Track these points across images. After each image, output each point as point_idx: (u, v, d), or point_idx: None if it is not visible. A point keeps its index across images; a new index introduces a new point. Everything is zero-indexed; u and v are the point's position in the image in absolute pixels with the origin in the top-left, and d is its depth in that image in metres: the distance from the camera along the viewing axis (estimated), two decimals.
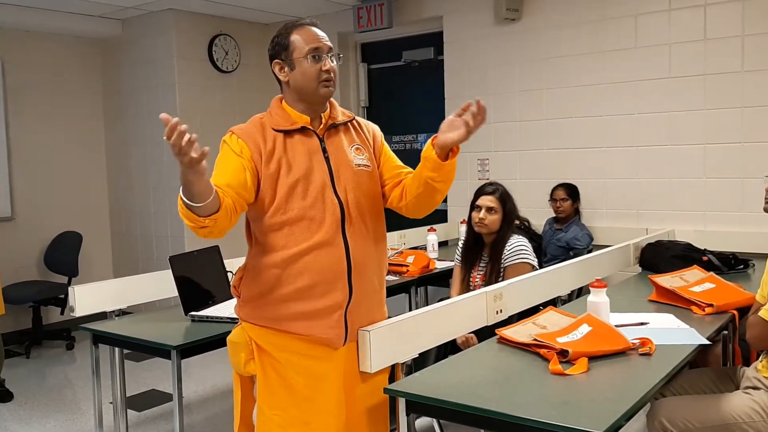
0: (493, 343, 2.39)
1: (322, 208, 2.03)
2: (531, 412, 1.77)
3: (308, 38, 2.04)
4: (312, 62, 2.03)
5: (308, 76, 2.04)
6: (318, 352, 2.08)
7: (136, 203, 6.18)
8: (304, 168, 2.04)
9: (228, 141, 2.05)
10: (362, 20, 5.56)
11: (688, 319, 2.67)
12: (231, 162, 2.00)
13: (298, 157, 2.05)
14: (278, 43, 2.08)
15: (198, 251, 3.26)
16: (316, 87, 2.04)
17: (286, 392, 2.06)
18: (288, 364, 2.06)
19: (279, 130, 2.06)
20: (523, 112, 5.06)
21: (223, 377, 4.62)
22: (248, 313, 2.11)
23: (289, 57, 2.05)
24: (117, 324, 3.06)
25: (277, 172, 2.02)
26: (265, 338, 2.07)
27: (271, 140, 2.04)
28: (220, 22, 5.98)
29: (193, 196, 1.80)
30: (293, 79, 2.06)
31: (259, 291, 2.07)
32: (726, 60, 4.24)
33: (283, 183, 2.02)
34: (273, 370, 2.07)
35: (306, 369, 2.06)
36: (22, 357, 5.27)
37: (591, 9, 4.70)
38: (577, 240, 4.56)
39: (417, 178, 2.05)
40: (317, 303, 2.05)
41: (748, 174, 4.18)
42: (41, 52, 5.89)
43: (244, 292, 2.13)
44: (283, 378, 2.06)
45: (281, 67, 2.08)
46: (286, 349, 2.06)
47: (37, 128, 5.87)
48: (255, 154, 2.01)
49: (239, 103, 6.07)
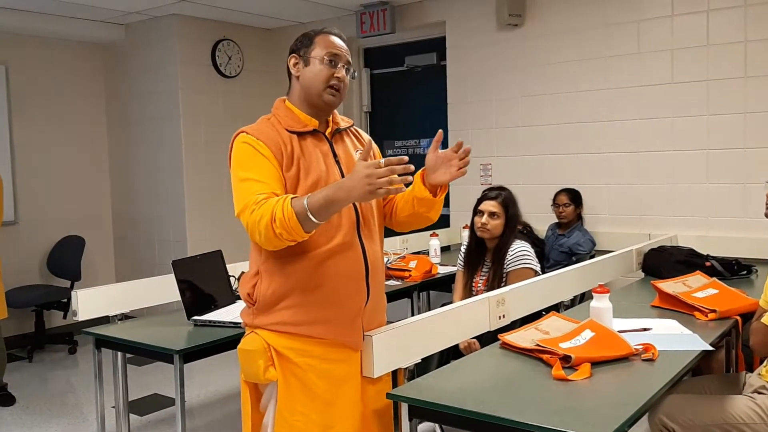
0: (495, 349, 2.39)
1: (339, 211, 2.04)
2: (533, 418, 1.77)
3: (331, 44, 2.07)
4: (326, 65, 2.04)
5: (318, 77, 2.04)
6: (339, 355, 2.07)
7: (138, 208, 6.19)
8: (320, 170, 2.03)
9: (250, 142, 1.99)
10: (365, 25, 5.58)
11: (691, 324, 2.66)
12: (266, 166, 1.96)
13: (314, 159, 2.04)
14: (302, 39, 2.09)
15: (201, 256, 3.26)
16: (323, 90, 2.05)
17: (307, 397, 2.05)
18: (309, 369, 2.04)
19: (292, 132, 2.05)
20: (526, 117, 5.06)
21: (226, 382, 4.62)
22: (266, 319, 2.06)
23: (307, 53, 2.06)
24: (119, 328, 3.06)
25: (297, 174, 2.00)
26: (284, 344, 2.04)
27: (288, 141, 2.02)
28: (224, 28, 6.00)
29: (326, 217, 1.84)
30: (303, 76, 2.07)
31: (278, 297, 2.04)
32: (728, 66, 4.24)
33: (302, 186, 2.00)
34: (293, 376, 2.05)
35: (327, 373, 2.06)
36: (24, 361, 5.28)
37: (593, 15, 4.71)
38: (579, 245, 4.56)
39: (409, 205, 2.14)
40: (341, 306, 2.05)
41: (751, 179, 4.18)
42: (45, 57, 5.91)
43: (260, 299, 2.06)
44: (303, 383, 2.05)
45: (296, 61, 2.08)
46: (307, 354, 2.05)
47: (40, 133, 5.89)
48: (278, 156, 1.99)
49: (242, 108, 6.09)
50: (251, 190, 1.92)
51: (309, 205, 1.80)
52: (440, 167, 2.06)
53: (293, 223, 1.81)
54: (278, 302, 2.04)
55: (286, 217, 1.80)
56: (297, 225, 1.81)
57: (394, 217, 2.22)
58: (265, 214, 1.84)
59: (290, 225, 1.81)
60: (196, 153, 5.83)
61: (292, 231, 1.82)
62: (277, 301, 2.05)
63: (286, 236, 1.83)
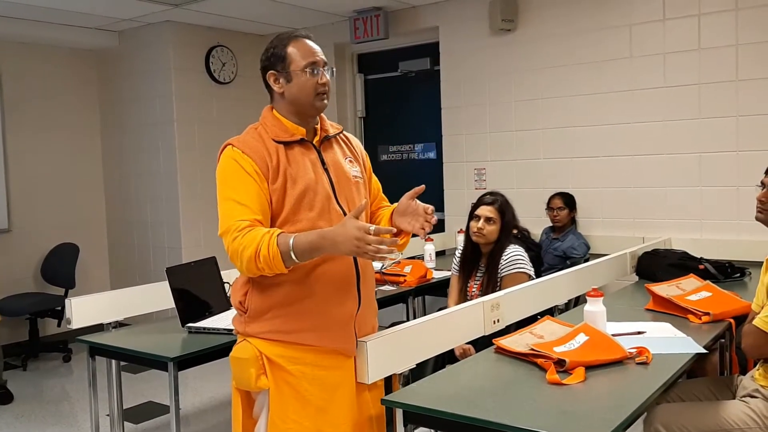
0: (490, 353, 2.40)
1: (329, 218, 2.04)
2: (528, 422, 1.77)
3: (305, 52, 2.06)
4: (309, 76, 2.05)
5: (305, 90, 2.05)
6: (331, 362, 2.08)
7: (133, 214, 6.18)
8: (308, 179, 2.04)
9: (236, 158, 2.00)
10: (359, 31, 5.59)
11: (685, 327, 2.67)
12: (250, 187, 1.97)
13: (301, 168, 2.04)
14: (274, 54, 2.08)
15: (195, 262, 3.26)
16: (313, 100, 2.06)
17: (299, 404, 2.05)
18: (302, 377, 2.05)
19: (279, 142, 2.05)
20: (519, 121, 5.08)
21: (221, 389, 4.61)
22: (258, 327, 2.07)
23: (285, 69, 2.06)
24: (114, 336, 3.06)
25: (284, 185, 2.01)
26: (277, 352, 2.05)
27: (274, 153, 2.02)
28: (217, 34, 6.01)
29: (308, 259, 1.91)
30: (289, 92, 2.07)
31: (270, 305, 2.04)
32: (720, 69, 4.26)
33: (290, 195, 2.01)
34: (285, 384, 2.05)
35: (320, 380, 2.06)
36: (18, 369, 5.25)
37: (586, 19, 4.73)
38: (573, 249, 4.57)
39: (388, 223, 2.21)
40: (333, 313, 2.06)
41: (744, 182, 4.20)
42: (38, 64, 5.90)
43: (252, 307, 2.07)
44: (296, 390, 2.05)
45: (276, 78, 2.08)
46: (299, 362, 2.05)
47: (34, 140, 5.88)
48: (263, 170, 1.99)
49: (236, 113, 6.08)
50: (233, 214, 1.95)
51: (294, 247, 1.87)
52: (408, 216, 2.11)
53: (276, 262, 1.88)
54: (270, 310, 2.05)
55: (271, 255, 1.87)
56: (280, 263, 1.88)
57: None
58: (249, 246, 1.88)
59: (273, 263, 1.88)
60: (191, 159, 5.82)
61: (273, 267, 1.89)
62: (268, 309, 2.05)
63: (267, 270, 1.91)
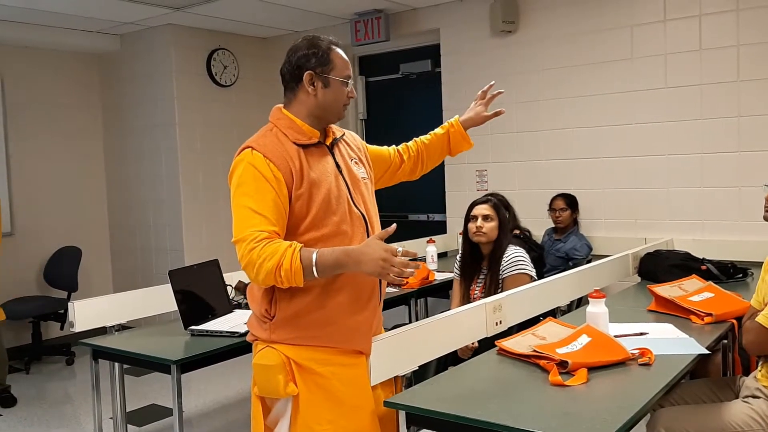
0: (492, 355, 2.40)
1: (350, 222, 2.05)
2: (531, 424, 1.77)
3: (345, 63, 2.10)
4: (344, 87, 2.09)
5: (339, 99, 2.09)
6: (354, 360, 2.09)
7: (135, 217, 6.19)
8: (329, 183, 2.04)
9: (255, 163, 1.96)
10: (360, 33, 5.60)
11: (688, 328, 2.67)
12: (267, 195, 1.94)
13: (322, 172, 2.04)
14: (317, 55, 2.05)
15: (198, 265, 3.26)
16: (340, 110, 2.11)
17: (333, 404, 2.05)
18: (333, 377, 2.05)
19: (299, 145, 2.04)
20: (521, 123, 5.08)
21: (224, 391, 4.62)
22: (286, 333, 2.05)
23: (326, 73, 2.05)
24: (117, 339, 3.06)
25: (310, 189, 2.00)
26: (306, 355, 2.04)
27: (296, 157, 2.00)
28: (219, 37, 6.02)
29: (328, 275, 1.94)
30: (323, 97, 2.06)
31: (296, 311, 2.03)
32: (722, 70, 4.26)
33: (316, 200, 2.00)
34: (317, 386, 2.04)
35: (350, 378, 2.07)
36: (22, 372, 5.26)
37: (587, 21, 4.73)
38: (576, 250, 4.57)
39: (440, 152, 2.64)
40: (360, 315, 2.08)
41: (746, 183, 4.20)
42: (40, 67, 5.92)
43: (280, 315, 2.04)
44: (328, 391, 2.05)
45: (313, 80, 2.05)
46: (329, 363, 2.05)
47: (36, 143, 5.89)
48: (286, 176, 1.96)
49: (238, 116, 6.08)
50: (251, 223, 1.92)
51: (317, 263, 1.88)
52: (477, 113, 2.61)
53: (297, 276, 1.89)
54: (298, 316, 2.04)
55: (293, 270, 1.88)
56: (300, 278, 1.90)
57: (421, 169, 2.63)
58: (269, 258, 1.87)
59: (294, 277, 1.89)
60: (193, 162, 5.82)
61: (292, 281, 1.90)
62: (296, 315, 2.04)
63: (285, 284, 1.92)
